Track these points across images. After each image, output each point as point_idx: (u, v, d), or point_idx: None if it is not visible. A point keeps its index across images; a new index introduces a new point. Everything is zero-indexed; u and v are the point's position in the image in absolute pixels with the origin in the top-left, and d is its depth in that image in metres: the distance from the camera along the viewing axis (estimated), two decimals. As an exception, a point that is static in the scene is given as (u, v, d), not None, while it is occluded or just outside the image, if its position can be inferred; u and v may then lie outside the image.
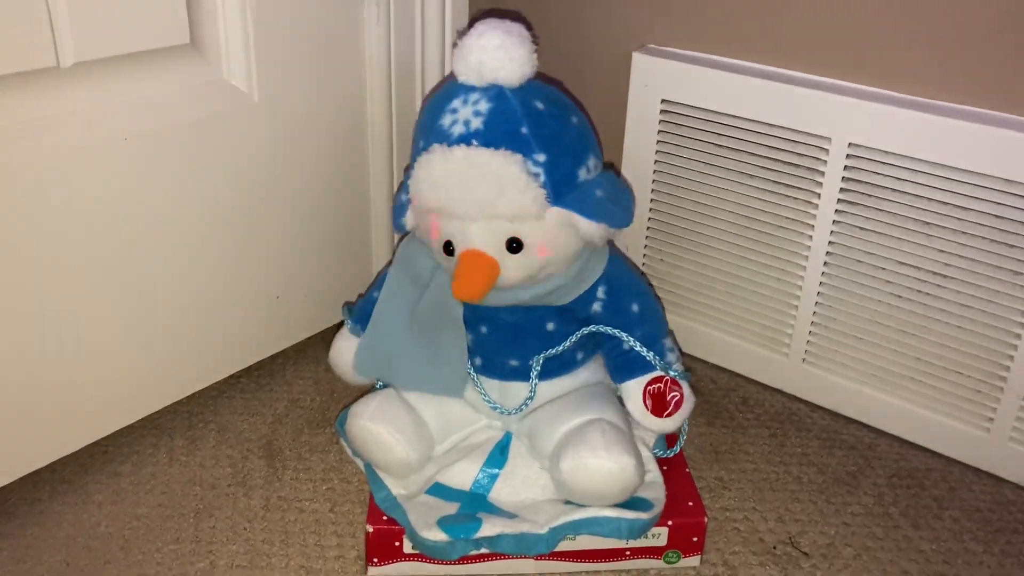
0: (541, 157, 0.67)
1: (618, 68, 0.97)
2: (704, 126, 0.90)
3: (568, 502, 0.72)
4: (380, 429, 0.74)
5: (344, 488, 0.82)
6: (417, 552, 0.72)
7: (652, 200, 0.97)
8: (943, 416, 0.86)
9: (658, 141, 0.94)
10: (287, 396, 0.94)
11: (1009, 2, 0.74)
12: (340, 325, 1.04)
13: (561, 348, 0.76)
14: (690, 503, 0.74)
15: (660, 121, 0.93)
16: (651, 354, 0.75)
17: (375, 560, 0.73)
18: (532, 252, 0.68)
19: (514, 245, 0.68)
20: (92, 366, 0.78)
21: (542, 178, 0.67)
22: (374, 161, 0.95)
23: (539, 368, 0.76)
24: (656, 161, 0.95)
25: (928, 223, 0.81)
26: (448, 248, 0.69)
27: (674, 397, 0.75)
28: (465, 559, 0.72)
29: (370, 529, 0.71)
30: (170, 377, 0.86)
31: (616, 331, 0.75)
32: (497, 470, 0.75)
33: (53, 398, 0.76)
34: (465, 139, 0.67)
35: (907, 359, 0.86)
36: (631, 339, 0.75)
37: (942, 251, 0.81)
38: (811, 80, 0.85)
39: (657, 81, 0.92)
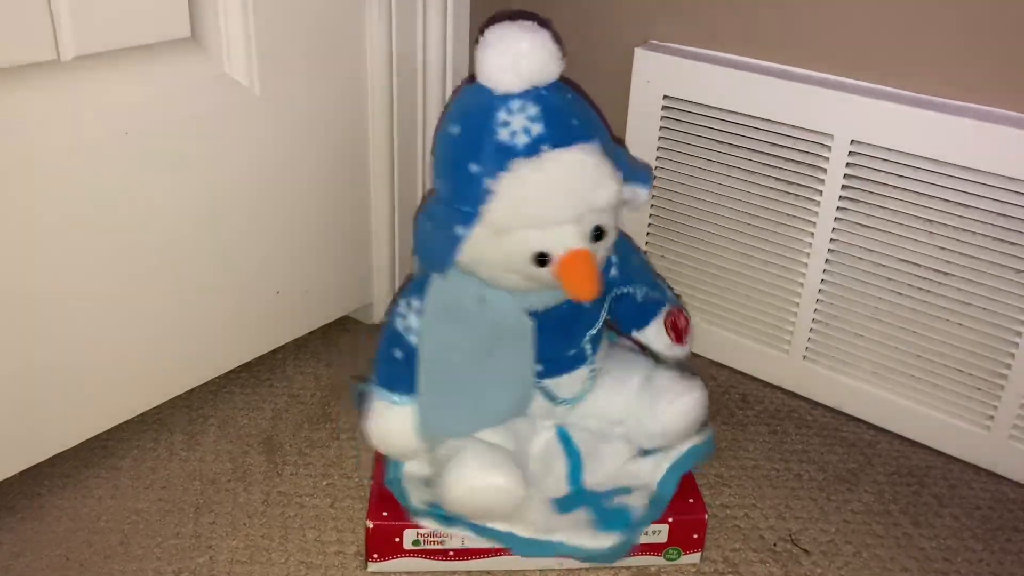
0: (598, 142, 0.68)
1: (620, 64, 0.96)
2: (706, 122, 0.90)
3: (646, 451, 0.77)
4: (502, 480, 0.69)
5: (344, 484, 0.82)
6: (417, 548, 0.72)
7: (654, 196, 0.97)
8: (943, 414, 0.86)
9: (660, 137, 0.94)
10: (287, 391, 0.94)
11: (1013, -1, 0.74)
12: (339, 324, 1.04)
13: (601, 322, 0.77)
14: (690, 500, 0.74)
15: (662, 117, 0.93)
16: (659, 293, 0.80)
17: (375, 556, 0.73)
18: (610, 235, 0.70)
19: (597, 234, 0.68)
20: (92, 361, 0.78)
21: (608, 161, 0.68)
22: (374, 156, 0.95)
23: (591, 346, 0.77)
24: (658, 157, 0.95)
25: (930, 220, 0.81)
26: (541, 260, 0.67)
27: (684, 321, 0.80)
28: (464, 555, 0.72)
29: (370, 525, 0.71)
30: (170, 372, 0.86)
31: (631, 288, 0.78)
32: (577, 461, 0.77)
33: (53, 393, 0.76)
34: (534, 147, 0.66)
35: (908, 356, 0.86)
36: (643, 289, 0.79)
37: (943, 248, 0.81)
38: (813, 76, 0.85)
39: (659, 77, 0.91)
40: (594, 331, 0.76)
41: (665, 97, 0.92)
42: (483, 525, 0.72)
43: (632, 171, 0.72)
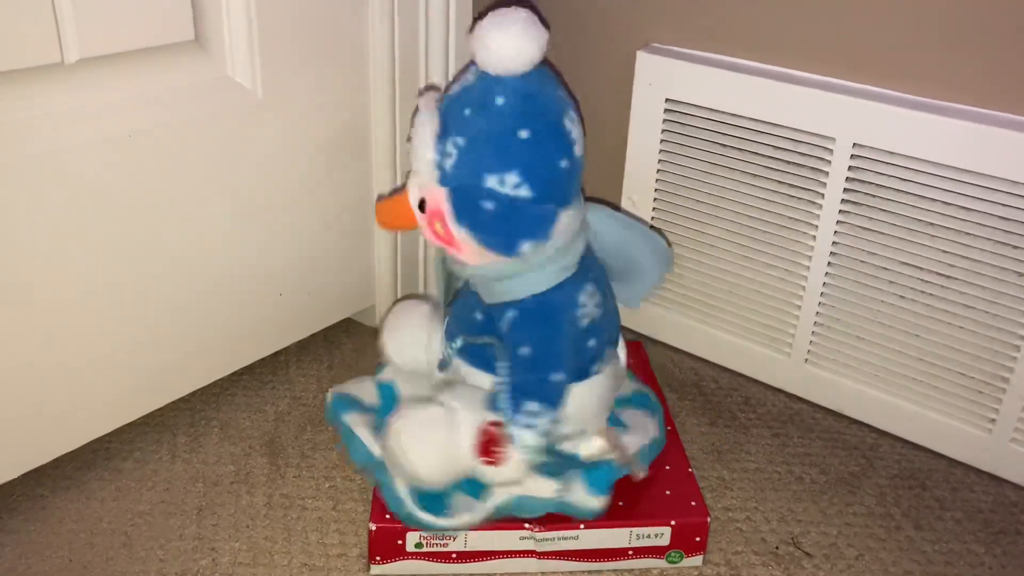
0: (460, 141, 0.66)
1: (622, 67, 0.97)
2: (708, 125, 0.90)
3: None
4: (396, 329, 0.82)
5: (346, 486, 0.82)
6: (419, 550, 0.72)
7: (655, 199, 0.97)
8: (945, 417, 0.86)
9: (662, 140, 0.94)
10: (289, 394, 0.94)
11: (1015, 2, 0.74)
12: (341, 326, 1.04)
13: (470, 341, 0.75)
14: (693, 503, 0.74)
15: (664, 120, 0.93)
16: (505, 398, 0.70)
17: (377, 558, 0.73)
18: (431, 220, 0.69)
19: (421, 205, 0.70)
20: (95, 363, 0.78)
21: (452, 158, 0.66)
22: (377, 158, 0.95)
23: (456, 345, 0.76)
24: (660, 160, 0.95)
25: (932, 224, 0.81)
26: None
27: (497, 452, 0.70)
28: (467, 557, 0.73)
29: (372, 527, 0.72)
30: (173, 374, 0.86)
31: (502, 361, 0.71)
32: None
33: (56, 395, 0.76)
34: (444, 100, 0.69)
35: (910, 359, 0.86)
36: (503, 376, 0.71)
37: (946, 252, 0.81)
38: (815, 80, 0.85)
39: (661, 80, 0.92)
40: (468, 340, 0.75)
41: (667, 100, 0.92)
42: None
43: (467, 211, 0.67)
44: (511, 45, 0.64)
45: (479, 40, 0.65)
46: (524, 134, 0.65)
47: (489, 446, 0.70)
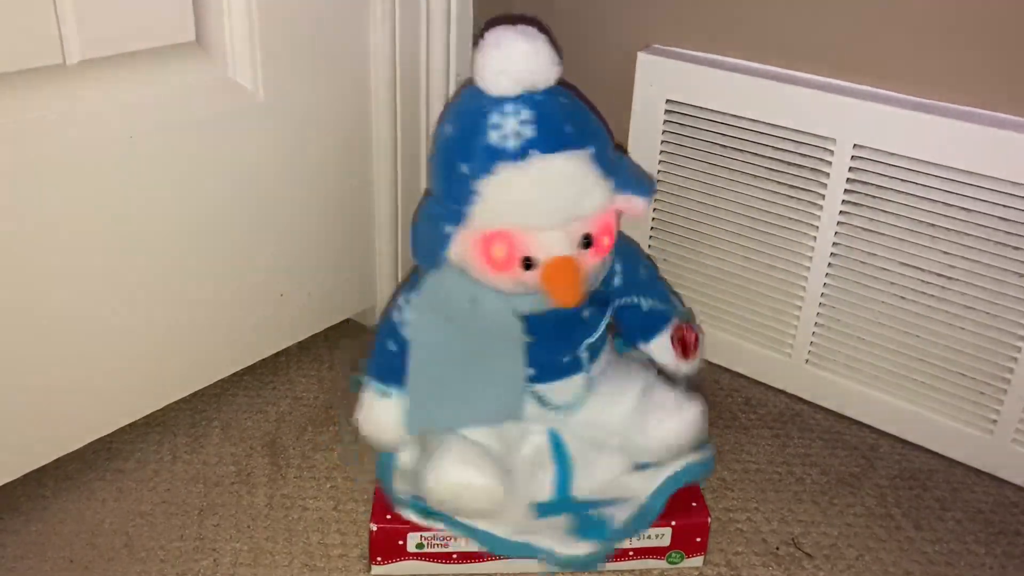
0: (592, 149, 0.68)
1: (623, 68, 0.97)
2: (709, 126, 0.90)
3: (642, 465, 0.76)
4: (479, 478, 0.70)
5: (347, 486, 0.82)
6: (420, 551, 0.72)
7: (656, 200, 0.97)
8: (946, 417, 0.86)
9: (663, 141, 0.94)
10: (290, 394, 0.94)
11: (1016, 3, 0.74)
12: (342, 326, 1.04)
13: (599, 331, 0.76)
14: (693, 503, 0.75)
15: (665, 121, 0.93)
16: (668, 306, 0.79)
17: (378, 559, 0.73)
18: (600, 243, 0.69)
19: (587, 241, 0.68)
20: (96, 363, 0.78)
21: (600, 168, 0.68)
22: (378, 159, 0.95)
23: (588, 354, 0.76)
24: (661, 161, 0.95)
25: (932, 224, 0.81)
26: (527, 264, 0.68)
27: (692, 336, 0.78)
28: (468, 558, 0.73)
29: (373, 528, 0.72)
30: (174, 375, 0.86)
31: (636, 298, 0.78)
32: (566, 469, 0.75)
33: (57, 395, 0.77)
34: (523, 151, 0.66)
35: (910, 360, 0.86)
36: (649, 300, 0.78)
37: (946, 253, 0.81)
38: (816, 81, 0.85)
39: (662, 81, 0.92)
40: (593, 339, 0.76)
41: (668, 101, 0.92)
42: (460, 520, 0.72)
43: (630, 180, 0.71)
44: (551, 52, 0.68)
45: (535, 61, 0.66)
46: (587, 107, 0.71)
47: (689, 341, 0.78)
